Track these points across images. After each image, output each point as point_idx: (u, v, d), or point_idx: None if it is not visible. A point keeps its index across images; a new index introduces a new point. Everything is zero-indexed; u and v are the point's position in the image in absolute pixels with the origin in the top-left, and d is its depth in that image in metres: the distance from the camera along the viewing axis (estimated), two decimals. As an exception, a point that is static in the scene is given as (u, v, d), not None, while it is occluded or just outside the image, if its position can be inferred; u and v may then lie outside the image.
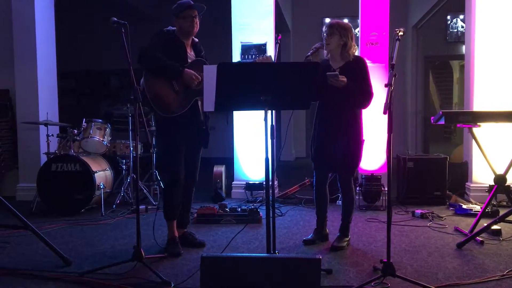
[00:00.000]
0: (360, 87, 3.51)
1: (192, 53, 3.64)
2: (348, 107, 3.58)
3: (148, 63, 3.39)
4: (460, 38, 9.77)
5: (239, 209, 4.73)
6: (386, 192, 2.99)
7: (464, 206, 4.89)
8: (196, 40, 3.70)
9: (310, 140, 3.86)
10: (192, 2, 3.53)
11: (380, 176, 5.20)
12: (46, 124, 5.24)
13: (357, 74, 3.54)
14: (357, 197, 5.25)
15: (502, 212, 4.21)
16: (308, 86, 2.90)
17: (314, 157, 3.76)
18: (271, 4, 5.92)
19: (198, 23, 3.55)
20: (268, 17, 5.89)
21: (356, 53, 3.67)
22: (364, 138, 3.66)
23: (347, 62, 3.59)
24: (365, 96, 3.56)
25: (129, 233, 4.20)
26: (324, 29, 3.63)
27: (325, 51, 3.67)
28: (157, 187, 5.70)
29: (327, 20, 3.77)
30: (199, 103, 3.54)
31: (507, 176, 3.97)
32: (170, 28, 3.61)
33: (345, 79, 3.41)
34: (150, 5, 9.54)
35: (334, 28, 3.55)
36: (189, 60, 3.55)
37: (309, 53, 3.59)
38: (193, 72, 3.44)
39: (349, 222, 3.77)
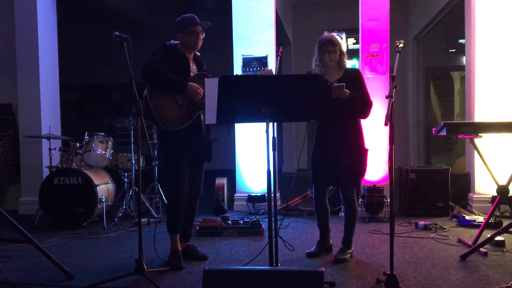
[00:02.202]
0: (361, 97, 3.54)
1: (194, 66, 3.66)
2: (349, 118, 3.59)
3: (151, 77, 3.41)
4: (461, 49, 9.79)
5: (241, 222, 4.71)
6: (389, 203, 2.98)
7: (467, 217, 4.87)
8: (198, 54, 3.73)
9: (311, 153, 3.85)
10: (196, 17, 3.55)
11: (383, 187, 5.19)
12: (48, 138, 5.26)
13: (355, 84, 3.56)
14: (359, 209, 5.24)
15: (505, 223, 4.19)
16: (309, 98, 2.91)
17: (315, 171, 3.76)
18: (271, 18, 5.97)
19: (201, 39, 3.57)
20: (268, 30, 5.93)
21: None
22: (367, 147, 3.66)
23: (343, 75, 3.62)
24: (366, 105, 3.59)
25: (131, 247, 4.19)
26: (323, 47, 3.57)
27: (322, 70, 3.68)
28: (159, 200, 5.69)
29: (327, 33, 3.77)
30: (202, 116, 3.55)
31: (510, 187, 3.96)
32: (172, 42, 3.63)
33: (347, 90, 3.44)
34: (152, 19, 9.62)
35: (337, 44, 3.58)
36: (192, 74, 3.57)
37: None
38: (197, 86, 3.45)
39: (352, 235, 3.76)
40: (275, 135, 2.93)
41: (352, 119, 3.62)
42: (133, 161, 5.42)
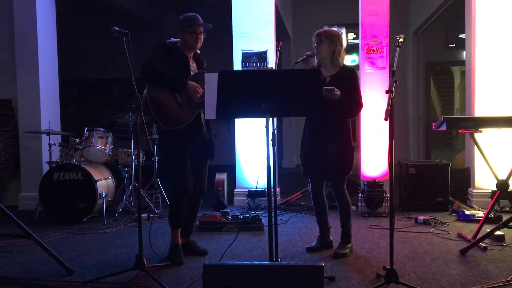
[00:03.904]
0: (350, 98, 3.54)
1: (194, 65, 3.64)
2: (337, 115, 3.59)
3: (151, 76, 3.39)
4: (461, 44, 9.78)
5: (241, 217, 4.72)
6: (389, 198, 2.98)
7: (467, 212, 4.87)
8: (198, 52, 3.70)
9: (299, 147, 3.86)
10: (199, 18, 3.53)
11: (382, 182, 5.19)
12: (48, 133, 5.26)
13: (348, 83, 3.56)
14: (359, 204, 5.26)
15: (505, 217, 4.19)
16: (309, 93, 2.90)
17: (304, 165, 3.78)
18: (271, 13, 5.95)
19: (202, 39, 3.56)
20: (268, 25, 5.92)
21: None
22: (353, 144, 3.67)
23: (338, 71, 3.63)
24: (355, 107, 3.61)
25: (131, 242, 4.19)
26: (313, 39, 3.66)
27: (315, 61, 3.70)
28: (159, 195, 5.70)
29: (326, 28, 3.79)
30: (202, 115, 3.53)
31: (510, 182, 3.96)
32: (172, 40, 3.61)
33: (339, 93, 3.44)
34: (152, 14, 9.59)
35: (322, 36, 3.61)
36: (192, 73, 3.56)
37: (299, 60, 3.63)
38: (196, 84, 3.44)
39: (349, 228, 3.76)
40: (275, 130, 2.92)
41: (340, 117, 3.61)
42: (133, 157, 5.42)
